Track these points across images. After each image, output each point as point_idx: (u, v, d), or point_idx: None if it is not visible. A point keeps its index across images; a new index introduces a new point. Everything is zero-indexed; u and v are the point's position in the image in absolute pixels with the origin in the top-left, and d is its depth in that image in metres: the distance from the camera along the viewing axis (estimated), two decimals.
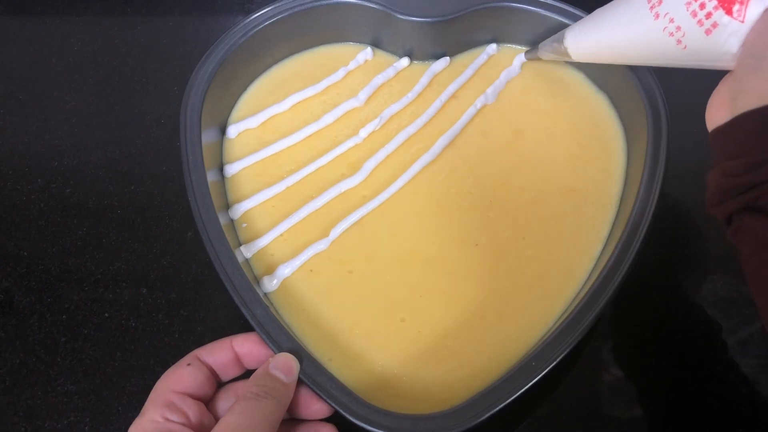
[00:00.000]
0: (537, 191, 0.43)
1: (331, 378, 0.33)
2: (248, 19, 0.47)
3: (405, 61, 0.50)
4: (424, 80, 0.49)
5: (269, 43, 0.48)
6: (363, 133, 0.46)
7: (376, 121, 0.46)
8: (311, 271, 0.40)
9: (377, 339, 0.37)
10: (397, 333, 0.38)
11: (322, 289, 0.39)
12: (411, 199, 0.43)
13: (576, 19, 0.46)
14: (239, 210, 0.42)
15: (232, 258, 0.36)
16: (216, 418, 0.32)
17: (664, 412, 0.37)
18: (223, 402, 0.33)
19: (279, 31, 0.48)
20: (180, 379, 0.31)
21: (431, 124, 0.47)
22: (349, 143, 0.45)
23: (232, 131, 0.46)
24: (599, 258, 0.39)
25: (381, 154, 0.45)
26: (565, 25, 0.47)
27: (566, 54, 0.42)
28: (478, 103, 0.47)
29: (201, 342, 0.34)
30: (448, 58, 0.50)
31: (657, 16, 0.31)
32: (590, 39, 0.39)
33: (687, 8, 0.29)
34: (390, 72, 0.49)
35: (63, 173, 0.48)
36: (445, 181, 0.43)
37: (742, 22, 0.27)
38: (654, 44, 0.32)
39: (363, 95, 0.48)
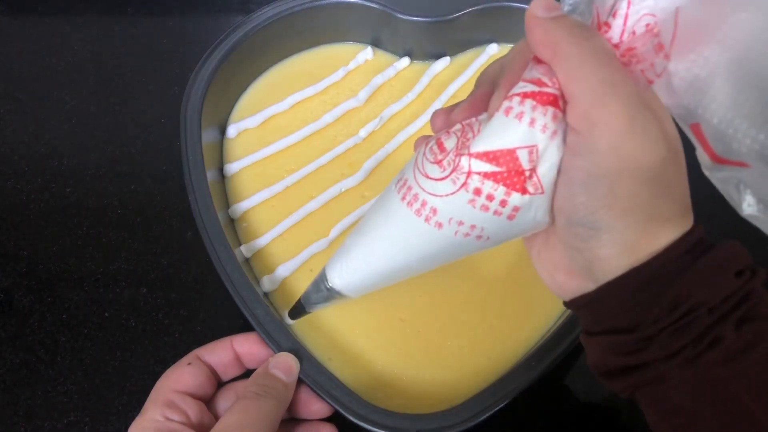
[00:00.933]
0: None
1: (331, 378, 0.33)
2: (248, 19, 0.47)
3: (405, 61, 0.50)
4: (424, 80, 0.49)
5: (269, 43, 0.48)
6: (363, 133, 0.46)
7: (376, 121, 0.46)
8: (311, 270, 0.40)
9: (377, 339, 0.37)
10: (397, 333, 0.38)
11: None
12: None
13: None
14: (239, 210, 0.42)
15: (232, 258, 0.36)
16: (216, 418, 0.32)
17: None
18: (223, 401, 0.33)
19: (279, 31, 0.48)
20: (180, 379, 0.31)
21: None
22: (349, 143, 0.45)
23: (232, 131, 0.46)
24: None
25: (381, 154, 0.45)
26: None
27: (341, 296, 0.31)
28: None
29: (201, 342, 0.34)
30: (448, 58, 0.50)
31: (440, 225, 0.25)
32: (365, 271, 0.30)
33: (473, 207, 0.24)
34: (390, 72, 0.49)
35: (63, 173, 0.48)
36: None
37: (542, 193, 0.23)
38: (451, 250, 0.27)
39: (363, 95, 0.48)
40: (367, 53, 0.50)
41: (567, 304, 0.26)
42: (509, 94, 0.23)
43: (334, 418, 0.33)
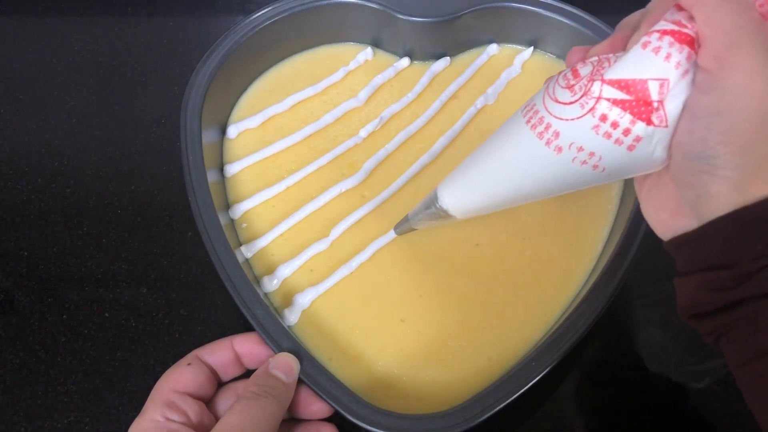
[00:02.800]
0: None
1: (331, 378, 0.33)
2: (248, 19, 0.47)
3: (405, 61, 0.50)
4: (424, 80, 0.49)
5: (269, 43, 0.48)
6: (363, 133, 0.46)
7: (376, 121, 0.46)
8: (311, 270, 0.40)
9: (377, 339, 0.37)
10: (397, 333, 0.38)
11: (322, 289, 0.39)
12: (411, 199, 0.43)
13: (577, 19, 0.46)
14: (239, 210, 0.42)
15: (232, 258, 0.36)
16: (216, 418, 0.32)
17: (665, 412, 0.37)
18: (224, 401, 0.33)
19: (279, 31, 0.48)
20: (180, 379, 0.31)
21: (431, 124, 0.47)
22: (349, 143, 0.45)
23: (233, 131, 0.46)
24: (599, 258, 0.39)
25: (381, 154, 0.45)
26: (566, 26, 0.47)
27: (447, 216, 0.34)
28: (479, 103, 0.47)
29: (201, 342, 0.34)
30: (448, 58, 0.50)
31: (559, 149, 0.26)
32: (476, 193, 0.31)
33: (597, 132, 0.25)
34: (390, 72, 0.49)
35: (63, 173, 0.48)
36: None
37: (666, 126, 0.24)
38: (565, 177, 0.27)
39: (363, 95, 0.48)
40: (367, 53, 0.50)
41: (667, 243, 0.27)
42: (649, 30, 0.24)
43: (334, 418, 0.33)
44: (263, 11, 0.47)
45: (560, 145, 0.26)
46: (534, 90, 0.49)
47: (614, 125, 0.25)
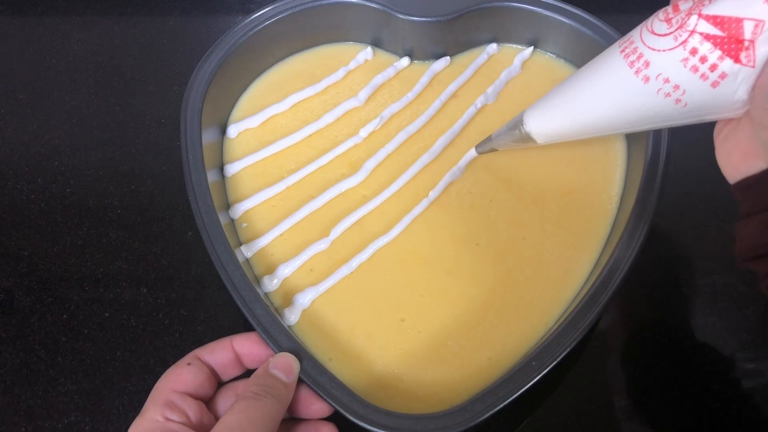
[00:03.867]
0: (537, 191, 0.43)
1: (331, 378, 0.33)
2: (248, 19, 0.47)
3: (405, 61, 0.50)
4: (424, 80, 0.49)
5: (269, 43, 0.48)
6: (363, 132, 0.46)
7: (376, 120, 0.46)
8: (311, 270, 0.40)
9: (377, 339, 0.37)
10: (397, 333, 0.38)
11: (323, 288, 0.39)
12: (411, 198, 0.43)
13: (577, 19, 0.46)
14: (239, 210, 0.42)
15: (232, 258, 0.36)
16: (216, 418, 0.32)
17: (665, 412, 0.37)
18: (224, 401, 0.33)
19: (279, 31, 0.48)
20: (180, 379, 0.31)
21: (431, 124, 0.47)
22: (349, 143, 0.45)
23: (233, 131, 0.46)
24: (599, 258, 0.39)
25: (381, 154, 0.45)
26: (566, 26, 0.47)
27: (530, 139, 0.36)
28: (479, 103, 0.47)
29: (201, 342, 0.34)
30: (448, 57, 0.50)
31: (647, 79, 0.28)
32: (561, 119, 0.33)
33: (684, 65, 0.26)
34: (390, 72, 0.49)
35: (63, 173, 0.48)
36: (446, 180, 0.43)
37: (753, 66, 0.25)
38: (647, 109, 0.29)
39: (363, 95, 0.48)
40: (367, 53, 0.50)
41: (735, 185, 0.27)
42: None
43: (334, 418, 0.33)
44: (263, 11, 0.47)
45: (648, 74, 0.27)
46: (534, 90, 0.48)
47: (702, 60, 0.25)
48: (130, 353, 0.40)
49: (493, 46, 0.50)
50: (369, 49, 0.50)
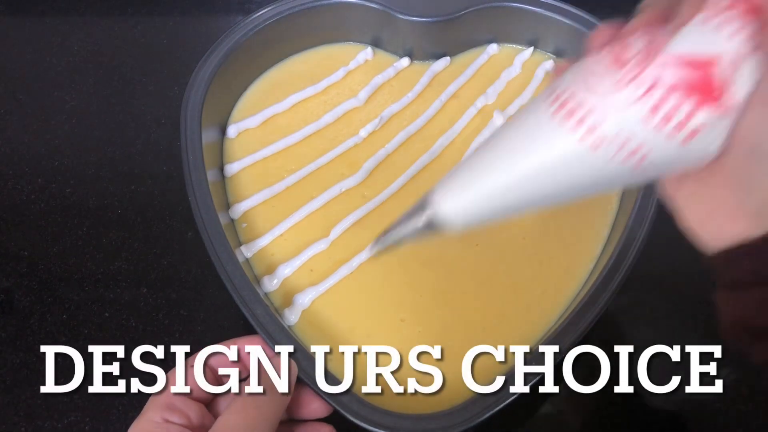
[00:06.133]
0: None
1: (331, 377, 0.33)
2: (248, 19, 0.47)
3: (405, 61, 0.50)
4: (424, 80, 0.49)
5: (269, 43, 0.48)
6: (363, 132, 0.46)
7: (376, 120, 0.46)
8: (311, 270, 0.40)
9: (377, 339, 0.37)
10: (397, 333, 0.38)
11: (323, 288, 0.39)
12: (411, 198, 0.43)
13: (577, 19, 0.46)
14: (239, 210, 0.42)
15: (232, 258, 0.36)
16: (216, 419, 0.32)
17: (665, 412, 0.37)
18: (224, 402, 0.33)
19: (279, 31, 0.48)
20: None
21: (431, 124, 0.47)
22: (349, 143, 0.45)
23: (233, 131, 0.46)
24: (599, 258, 0.39)
25: (381, 154, 0.45)
26: (566, 26, 0.47)
27: (436, 228, 0.27)
28: (479, 103, 0.47)
29: (201, 342, 0.34)
30: (448, 57, 0.50)
31: (596, 146, 0.21)
32: (490, 194, 0.24)
33: (648, 121, 0.20)
34: (390, 72, 0.49)
35: (63, 173, 0.48)
36: None
37: (730, 114, 0.21)
38: (599, 179, 0.22)
39: (363, 95, 0.48)
40: (367, 53, 0.50)
41: (720, 253, 0.23)
42: (708, 3, 0.20)
43: (334, 418, 0.33)
44: (263, 11, 0.47)
45: (599, 138, 0.21)
46: (534, 89, 0.48)
47: (673, 110, 0.20)
48: (130, 353, 0.40)
49: (493, 46, 0.50)
50: (369, 49, 0.50)
